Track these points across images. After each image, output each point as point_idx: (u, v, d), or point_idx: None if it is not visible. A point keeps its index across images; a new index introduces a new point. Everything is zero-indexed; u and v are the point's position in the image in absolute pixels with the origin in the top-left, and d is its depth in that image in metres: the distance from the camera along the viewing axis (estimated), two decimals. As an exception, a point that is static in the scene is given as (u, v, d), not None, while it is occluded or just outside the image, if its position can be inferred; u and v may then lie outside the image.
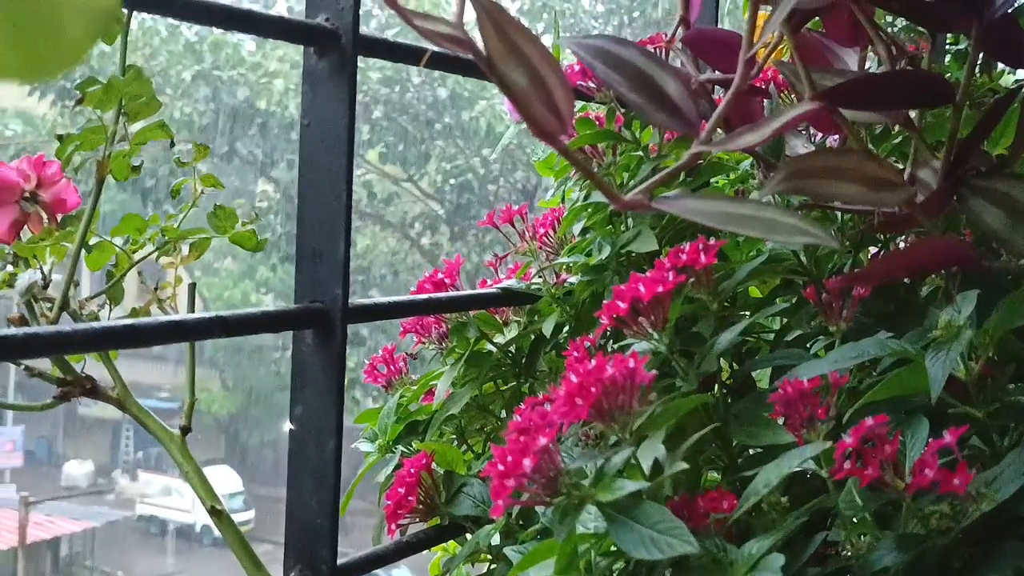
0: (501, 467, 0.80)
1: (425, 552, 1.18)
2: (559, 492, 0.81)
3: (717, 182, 1.29)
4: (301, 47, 0.98)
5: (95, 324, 0.81)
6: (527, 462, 0.79)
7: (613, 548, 0.85)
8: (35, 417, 24.01)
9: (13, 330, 0.71)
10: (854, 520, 0.84)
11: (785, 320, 1.21)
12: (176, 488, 20.29)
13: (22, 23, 0.37)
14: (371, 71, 15.70)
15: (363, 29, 0.96)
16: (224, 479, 19.21)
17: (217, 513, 0.90)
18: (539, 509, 0.93)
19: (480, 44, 0.75)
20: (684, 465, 0.83)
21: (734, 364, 1.21)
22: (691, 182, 1.25)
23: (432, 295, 1.11)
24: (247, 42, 16.34)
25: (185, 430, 0.95)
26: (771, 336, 1.21)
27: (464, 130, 15.83)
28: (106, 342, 0.76)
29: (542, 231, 1.31)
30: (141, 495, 20.31)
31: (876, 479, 0.78)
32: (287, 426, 1.24)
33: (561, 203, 1.36)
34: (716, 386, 1.14)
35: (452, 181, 16.29)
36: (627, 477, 0.84)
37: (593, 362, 0.85)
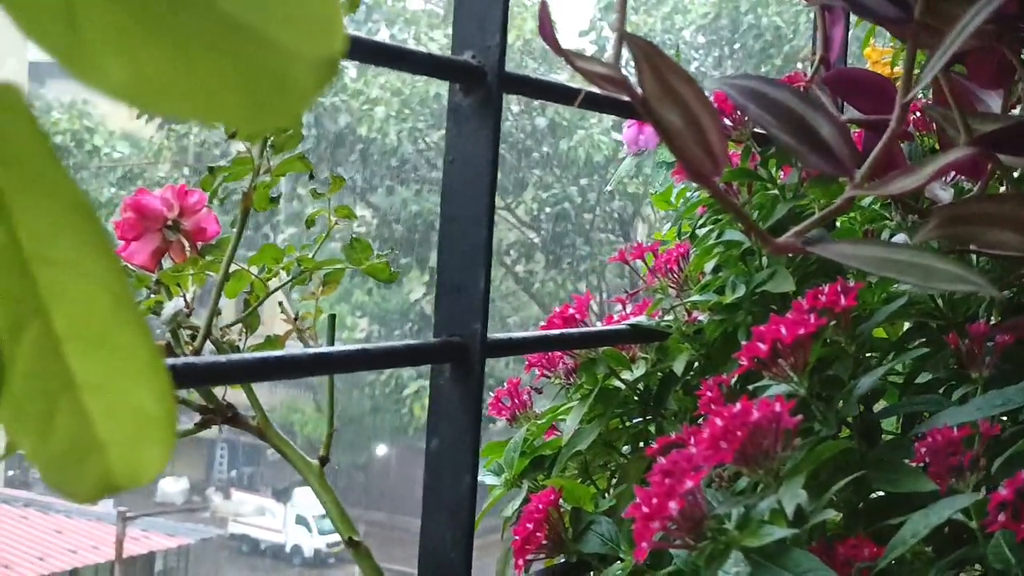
0: (646, 509, 0.79)
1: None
2: (704, 536, 0.80)
3: (843, 223, 1.27)
4: (395, 74, 0.99)
5: (248, 355, 0.82)
6: (673, 505, 0.78)
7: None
8: (133, 433, 24.39)
9: (172, 360, 0.72)
10: (1001, 572, 0.82)
11: (912, 363, 1.19)
12: (268, 508, 20.52)
13: (247, 68, 0.37)
14: (471, 99, 15.79)
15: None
16: (315, 501, 19.36)
17: (354, 544, 0.91)
18: (674, 552, 0.92)
19: (635, 85, 0.75)
20: (832, 513, 0.82)
21: (861, 407, 1.19)
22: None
23: (565, 331, 1.11)
24: (349, 68, 16.57)
25: (324, 460, 0.96)
26: (899, 379, 1.19)
27: (562, 159, 15.86)
28: (258, 373, 0.77)
29: (665, 267, 1.30)
30: (234, 514, 20.57)
31: (1033, 533, 0.77)
32: (379, 450, 1.24)
33: (677, 237, 1.35)
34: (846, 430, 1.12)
35: (548, 209, 16.32)
36: (771, 523, 0.83)
37: (738, 406, 0.84)
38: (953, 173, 1.14)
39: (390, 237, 16.27)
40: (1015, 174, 1.08)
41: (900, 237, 1.17)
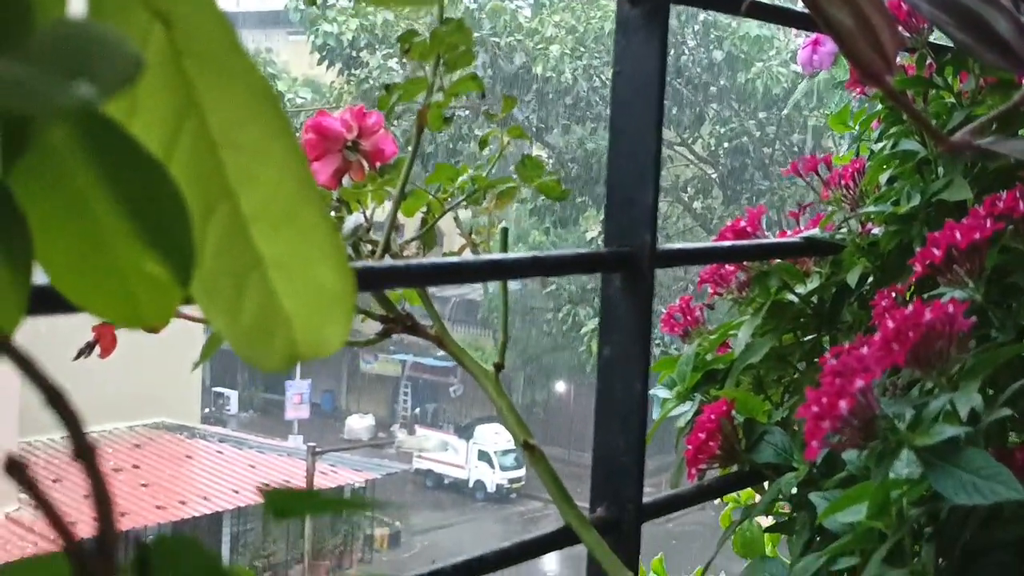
0: (816, 409, 0.80)
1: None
2: (874, 436, 0.81)
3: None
4: (569, 12, 1.00)
5: (424, 260, 0.85)
6: (843, 404, 0.79)
7: (925, 494, 0.84)
8: (321, 372, 25.22)
9: (355, 263, 0.75)
10: None
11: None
12: (452, 444, 20.96)
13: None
14: (646, 34, 15.62)
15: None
16: (497, 437, 19.68)
17: (530, 448, 0.94)
18: (846, 456, 0.93)
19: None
20: (1007, 411, 0.81)
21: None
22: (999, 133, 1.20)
23: (736, 242, 1.11)
24: (524, 8, 16.58)
25: (499, 367, 0.99)
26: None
27: (740, 93, 15.60)
28: (434, 277, 0.80)
29: (841, 182, 1.29)
30: (418, 449, 21.06)
31: None
32: (558, 387, 1.27)
33: (856, 158, 1.34)
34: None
35: (726, 144, 16.10)
36: (943, 423, 0.82)
37: (911, 308, 0.84)
38: None
39: (566, 176, 16.28)
40: None
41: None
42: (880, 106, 1.25)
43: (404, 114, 1.69)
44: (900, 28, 1.17)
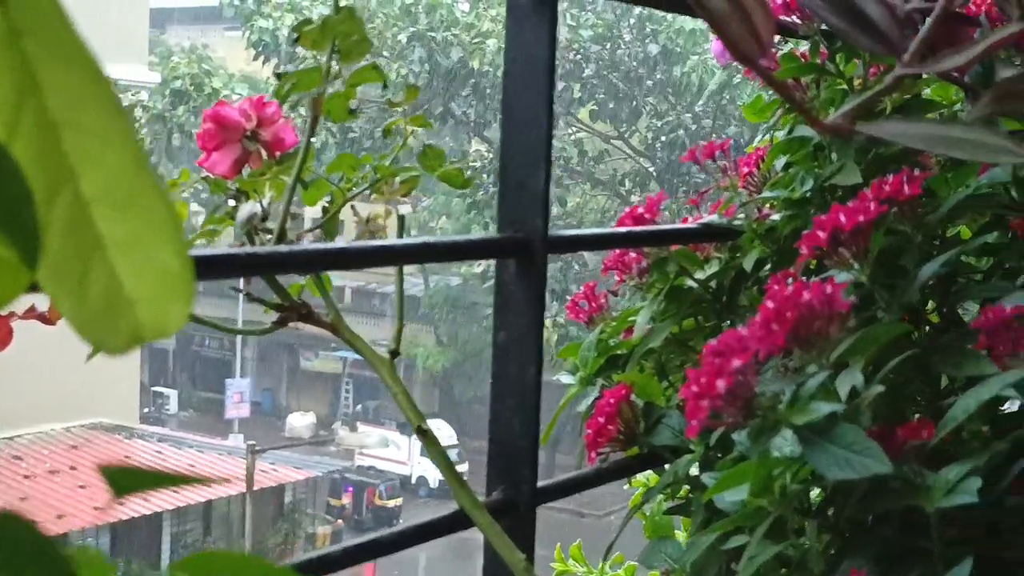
0: (695, 388, 0.81)
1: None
2: (754, 414, 0.82)
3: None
4: (506, 7, 1.01)
5: (310, 246, 0.86)
6: (721, 383, 0.80)
7: (809, 472, 0.86)
8: (261, 370, 25.09)
9: (237, 248, 0.76)
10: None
11: (995, 259, 1.18)
12: (393, 440, 20.91)
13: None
14: (583, 28, 15.71)
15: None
16: (438, 432, 19.64)
17: (423, 433, 0.95)
18: (735, 436, 0.94)
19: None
20: (880, 388, 0.83)
21: (944, 308, 1.18)
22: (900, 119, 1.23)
23: (632, 228, 1.13)
24: (461, 3, 16.57)
25: (394, 353, 0.99)
26: (980, 276, 1.18)
27: (675, 86, 15.69)
28: (320, 262, 0.81)
29: (746, 170, 1.31)
30: (360, 446, 21.01)
31: (1082, 406, 0.77)
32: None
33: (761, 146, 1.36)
34: (924, 326, 1.12)
35: (663, 138, 16.19)
36: (825, 402, 0.84)
37: (790, 288, 0.85)
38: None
39: (505, 170, 16.27)
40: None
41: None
42: (778, 93, 1.27)
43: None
44: (792, 15, 1.19)
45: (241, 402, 22.56)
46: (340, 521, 18.69)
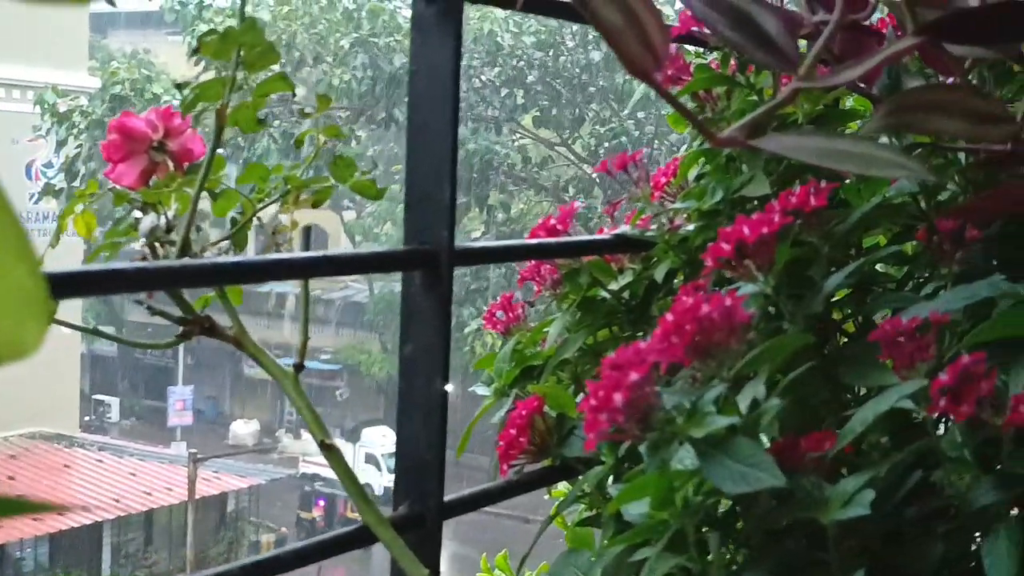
0: (594, 402, 0.81)
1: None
2: (652, 427, 0.82)
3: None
4: None
5: (205, 260, 0.85)
6: (618, 396, 0.80)
7: (712, 487, 0.86)
8: (204, 377, 24.88)
9: (126, 264, 0.75)
10: (955, 459, 0.83)
11: (901, 267, 1.19)
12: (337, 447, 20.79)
13: None
14: (525, 35, 15.73)
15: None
16: (383, 439, 19.62)
17: (327, 447, 0.94)
18: (641, 448, 0.94)
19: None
20: (776, 402, 0.83)
21: (860, 318, 1.19)
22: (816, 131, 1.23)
23: (542, 240, 1.13)
24: (403, 8, 16.53)
25: (298, 368, 0.98)
26: (895, 285, 1.19)
27: (617, 93, 15.76)
28: (215, 277, 0.80)
29: (664, 180, 1.31)
30: (303, 454, 20.90)
31: (972, 416, 0.77)
32: (446, 387, 1.27)
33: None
34: (842, 336, 1.13)
35: (606, 144, 16.24)
36: (724, 415, 0.84)
37: (689, 300, 0.85)
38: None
39: (449, 176, 16.26)
40: (965, 64, 1.08)
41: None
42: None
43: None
44: (703, 27, 1.19)
45: (184, 410, 22.38)
46: (284, 529, 18.57)
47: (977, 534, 0.84)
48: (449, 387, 1.30)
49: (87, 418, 21.66)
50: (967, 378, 0.78)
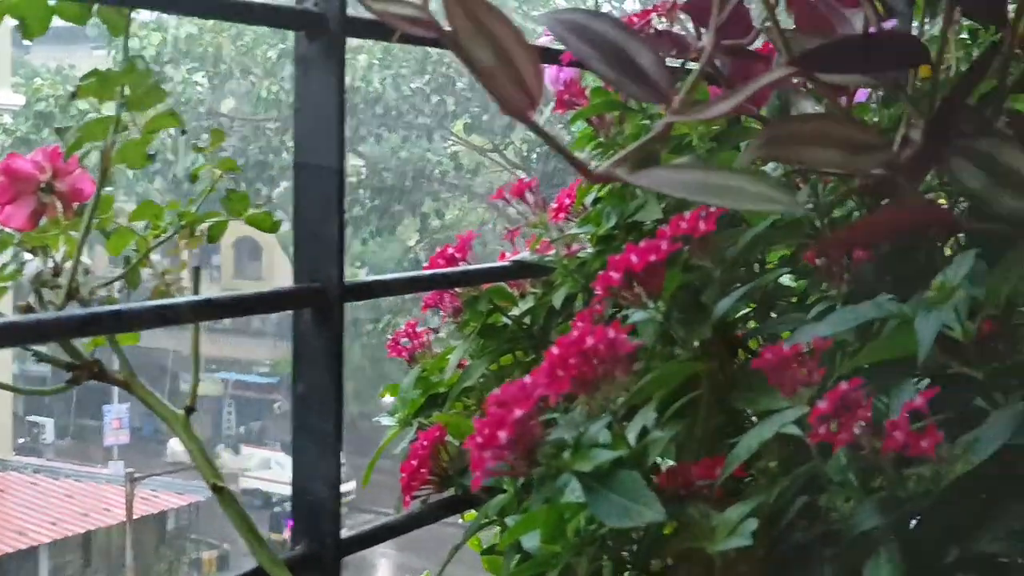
0: (479, 439, 0.81)
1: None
2: (538, 463, 0.82)
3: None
4: None
5: (78, 311, 0.84)
6: (503, 434, 0.80)
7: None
8: (140, 395, 24.56)
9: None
10: (839, 483, 0.84)
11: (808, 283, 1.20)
12: (277, 461, 20.65)
13: None
14: (454, 42, 15.69)
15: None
16: (324, 451, 19.47)
17: (219, 490, 0.93)
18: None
19: (446, 23, 0.76)
20: (660, 434, 0.84)
21: (762, 337, 1.20)
22: (710, 158, 1.24)
23: (437, 271, 1.13)
24: (330, 19, 16.45)
25: (189, 410, 0.98)
26: (796, 299, 1.20)
27: (548, 98, 15.78)
28: (89, 327, 0.79)
29: (568, 202, 1.32)
30: (243, 469, 20.72)
31: (852, 443, 0.78)
32: (385, 399, 1.27)
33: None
34: (740, 354, 1.14)
35: (538, 150, 16.27)
36: (613, 448, 0.84)
37: (575, 333, 0.85)
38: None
39: (381, 185, 16.25)
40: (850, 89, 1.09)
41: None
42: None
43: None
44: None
45: (120, 428, 22.09)
46: (225, 545, 18.39)
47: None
48: (388, 398, 1.30)
49: (21, 440, 21.31)
50: (846, 405, 0.79)
